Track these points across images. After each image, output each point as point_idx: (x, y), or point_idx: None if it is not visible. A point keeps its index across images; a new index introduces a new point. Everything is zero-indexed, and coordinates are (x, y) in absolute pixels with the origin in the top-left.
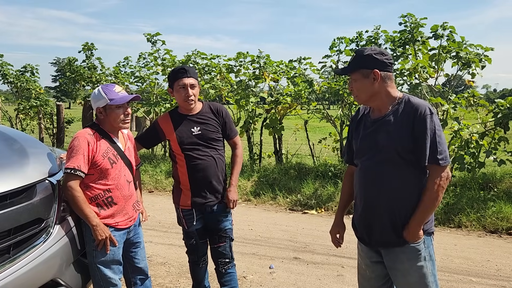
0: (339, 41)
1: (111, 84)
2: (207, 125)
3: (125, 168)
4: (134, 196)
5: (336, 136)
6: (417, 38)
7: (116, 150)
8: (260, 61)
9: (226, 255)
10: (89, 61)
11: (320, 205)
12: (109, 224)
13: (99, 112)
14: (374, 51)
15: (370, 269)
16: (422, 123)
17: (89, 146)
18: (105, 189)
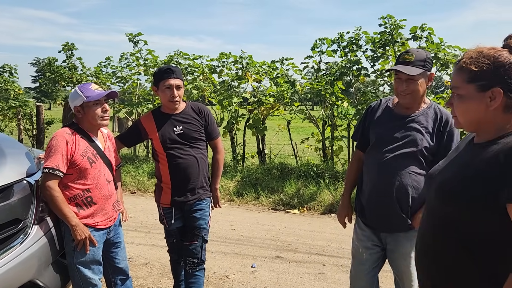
0: (320, 42)
1: (87, 83)
2: (189, 124)
3: (104, 168)
4: (114, 196)
5: (318, 136)
6: (397, 39)
7: (96, 150)
8: (243, 62)
9: (195, 255)
10: (69, 61)
11: (302, 205)
12: (89, 224)
13: (77, 111)
14: (428, 54)
15: (367, 252)
16: (451, 133)
17: (68, 146)
18: (84, 189)
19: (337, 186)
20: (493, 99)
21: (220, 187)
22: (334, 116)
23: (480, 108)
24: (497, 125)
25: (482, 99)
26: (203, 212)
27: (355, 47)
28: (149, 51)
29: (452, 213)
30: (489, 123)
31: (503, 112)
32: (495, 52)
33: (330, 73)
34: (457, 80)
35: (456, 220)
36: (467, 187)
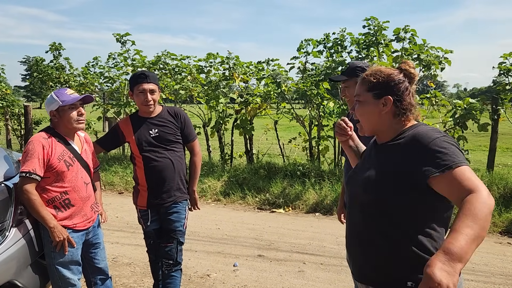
0: (306, 42)
1: (63, 88)
2: (164, 127)
3: (82, 170)
4: (92, 197)
5: (305, 136)
6: (380, 41)
7: (72, 153)
8: (230, 62)
9: (171, 256)
10: (56, 61)
11: (287, 204)
12: (67, 225)
13: (53, 115)
14: (365, 64)
15: None
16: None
17: (44, 150)
18: (62, 191)
19: (322, 185)
20: (385, 105)
21: (207, 187)
22: (320, 116)
23: (375, 112)
24: (391, 128)
25: (377, 105)
26: (179, 214)
27: (340, 48)
28: (137, 51)
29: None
30: (384, 126)
31: (393, 117)
32: (389, 70)
33: (315, 74)
34: (360, 89)
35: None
36: (390, 179)
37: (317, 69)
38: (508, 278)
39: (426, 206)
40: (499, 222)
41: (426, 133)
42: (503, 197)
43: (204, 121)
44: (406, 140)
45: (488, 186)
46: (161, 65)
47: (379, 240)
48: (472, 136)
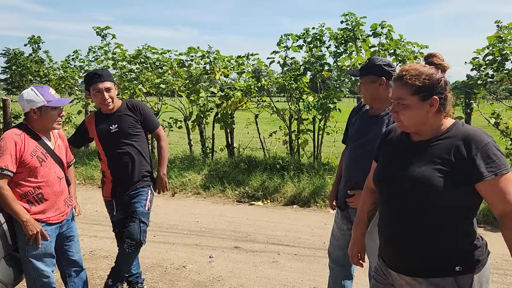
0: (286, 37)
1: (45, 86)
2: (123, 122)
3: (55, 166)
4: (66, 191)
5: (285, 130)
6: (358, 36)
7: (45, 149)
8: (210, 56)
9: (133, 236)
10: (36, 55)
11: (266, 197)
12: (40, 219)
13: (33, 112)
14: (383, 62)
15: (340, 232)
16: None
17: (17, 146)
18: (35, 186)
19: (301, 178)
20: (432, 105)
21: (187, 181)
22: (300, 110)
23: (422, 113)
24: (433, 125)
25: (423, 107)
26: (140, 197)
27: (319, 43)
28: (118, 44)
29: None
30: (427, 124)
31: (436, 114)
32: (428, 70)
33: (294, 68)
34: (402, 93)
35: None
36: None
37: (296, 63)
38: None
39: (471, 203)
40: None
41: (479, 135)
42: None
43: (185, 115)
44: (457, 139)
45: None
46: (142, 59)
47: (428, 234)
48: None
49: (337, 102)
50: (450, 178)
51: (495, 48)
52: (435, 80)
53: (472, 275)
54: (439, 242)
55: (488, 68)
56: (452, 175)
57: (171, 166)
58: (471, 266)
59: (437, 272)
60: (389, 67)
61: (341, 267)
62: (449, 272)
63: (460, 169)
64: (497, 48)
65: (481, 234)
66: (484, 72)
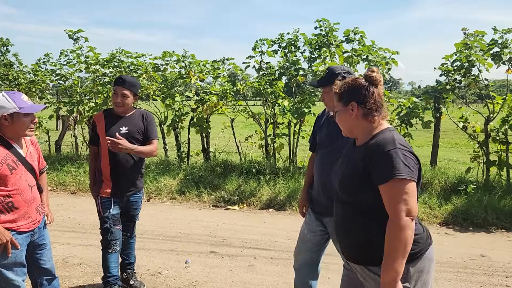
0: (261, 42)
1: (17, 92)
2: (133, 126)
3: (26, 173)
4: (38, 199)
5: (261, 134)
6: (332, 42)
7: (16, 156)
8: (186, 61)
9: (129, 230)
10: (4, 58)
11: (242, 201)
12: (10, 228)
13: (4, 119)
14: (343, 70)
15: (311, 234)
16: None
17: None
18: (5, 195)
19: (277, 182)
20: (353, 109)
21: (162, 186)
22: (275, 114)
23: (347, 117)
24: (364, 130)
25: (347, 111)
26: (137, 203)
27: (294, 48)
28: (90, 48)
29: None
30: (357, 128)
31: (363, 119)
32: (353, 79)
33: (269, 73)
34: (334, 100)
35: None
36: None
37: (271, 68)
38: (442, 265)
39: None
40: (439, 214)
41: (384, 143)
42: (443, 190)
43: (160, 119)
44: (372, 144)
45: (430, 180)
46: (116, 62)
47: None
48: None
49: (312, 106)
50: (364, 180)
51: (462, 55)
52: (352, 87)
53: (408, 266)
54: (367, 234)
55: (456, 74)
56: (365, 177)
57: (146, 171)
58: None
59: (373, 261)
60: (348, 75)
61: (309, 268)
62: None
63: (368, 172)
64: (464, 55)
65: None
66: (453, 77)
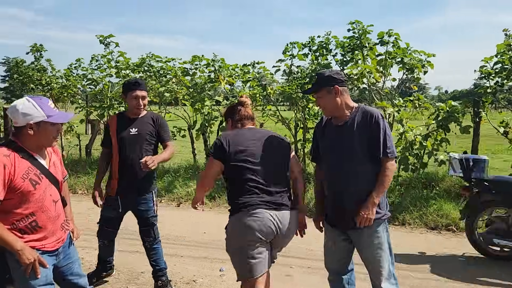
0: (292, 45)
1: (44, 98)
2: (143, 128)
3: (50, 187)
4: (62, 215)
5: (291, 138)
6: (365, 44)
7: (39, 169)
8: (215, 65)
9: (150, 235)
10: (38, 63)
11: None
12: (35, 246)
13: (29, 127)
14: (332, 72)
15: (334, 245)
16: (377, 125)
17: (5, 169)
18: (27, 214)
19: (308, 188)
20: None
21: (192, 191)
22: (305, 118)
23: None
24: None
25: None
26: (147, 204)
27: (325, 51)
28: (121, 53)
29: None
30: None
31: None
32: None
33: (300, 77)
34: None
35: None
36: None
37: (302, 72)
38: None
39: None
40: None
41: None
42: None
43: (189, 124)
44: None
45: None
46: (146, 67)
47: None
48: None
49: None
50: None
51: (505, 56)
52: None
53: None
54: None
55: (497, 77)
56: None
57: (175, 175)
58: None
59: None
60: (338, 75)
61: (342, 278)
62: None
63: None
64: (507, 56)
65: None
66: (494, 80)
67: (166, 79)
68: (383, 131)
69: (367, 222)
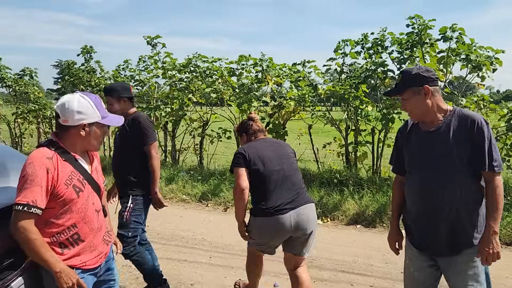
0: (344, 43)
1: (97, 96)
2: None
3: (93, 195)
4: (104, 227)
5: (341, 141)
6: (425, 40)
7: (83, 174)
8: (263, 64)
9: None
10: (88, 65)
11: (326, 214)
12: (75, 265)
13: (82, 128)
14: (420, 69)
15: (419, 272)
16: (480, 132)
17: (48, 174)
18: (69, 225)
19: (362, 194)
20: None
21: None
22: (358, 120)
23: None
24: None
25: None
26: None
27: (381, 49)
28: (167, 53)
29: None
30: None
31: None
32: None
33: (354, 76)
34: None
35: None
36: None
37: (356, 70)
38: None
39: None
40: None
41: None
42: None
43: (235, 125)
44: None
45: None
46: (192, 67)
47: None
48: None
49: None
50: None
51: None
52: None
53: None
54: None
55: None
56: None
57: (221, 178)
58: None
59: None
60: (428, 72)
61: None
62: None
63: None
64: None
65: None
66: None
67: (212, 80)
68: (488, 140)
69: (495, 258)
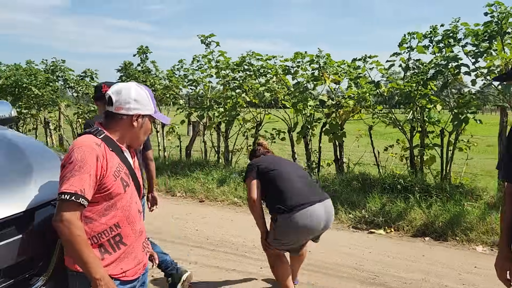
0: (410, 36)
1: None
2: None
3: (135, 194)
4: (145, 232)
5: (405, 144)
6: (506, 30)
7: (129, 169)
8: (320, 61)
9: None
10: (143, 65)
11: (389, 224)
12: (114, 276)
13: (135, 118)
14: None
15: None
16: None
17: (98, 162)
18: (112, 224)
19: (430, 202)
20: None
21: None
22: (424, 121)
23: None
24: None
25: None
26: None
27: (453, 41)
28: (221, 52)
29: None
30: None
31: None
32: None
33: (422, 72)
34: None
35: None
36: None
37: (424, 66)
38: None
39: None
40: None
41: None
42: None
43: (289, 126)
44: None
45: None
46: (246, 66)
47: None
48: None
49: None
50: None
51: None
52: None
53: None
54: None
55: None
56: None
57: None
58: None
59: None
60: None
61: None
62: None
63: None
64: None
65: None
66: None
67: (266, 78)
68: None
69: None
